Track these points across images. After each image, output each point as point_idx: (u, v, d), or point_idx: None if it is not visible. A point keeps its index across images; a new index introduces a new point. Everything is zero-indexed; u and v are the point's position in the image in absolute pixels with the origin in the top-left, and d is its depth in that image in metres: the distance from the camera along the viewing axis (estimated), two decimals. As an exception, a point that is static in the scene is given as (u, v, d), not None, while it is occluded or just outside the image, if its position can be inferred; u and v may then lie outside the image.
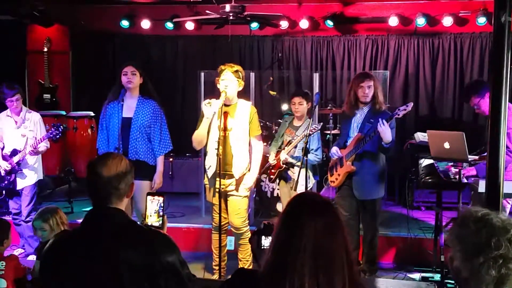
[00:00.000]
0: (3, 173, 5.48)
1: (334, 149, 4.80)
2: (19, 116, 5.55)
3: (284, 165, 5.25)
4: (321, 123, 5.20)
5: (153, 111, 4.76)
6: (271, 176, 5.46)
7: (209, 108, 4.43)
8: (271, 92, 7.36)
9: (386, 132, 4.35)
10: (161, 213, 2.47)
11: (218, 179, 4.42)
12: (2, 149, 5.54)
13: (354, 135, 4.71)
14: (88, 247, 2.10)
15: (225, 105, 4.54)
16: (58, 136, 5.40)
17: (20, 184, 5.57)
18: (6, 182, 5.50)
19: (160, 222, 2.47)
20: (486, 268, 1.49)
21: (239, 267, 4.68)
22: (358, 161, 4.65)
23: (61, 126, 5.42)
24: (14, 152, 5.47)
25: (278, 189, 5.84)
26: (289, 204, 1.79)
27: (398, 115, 4.38)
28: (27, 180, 5.59)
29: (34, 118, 5.62)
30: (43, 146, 5.50)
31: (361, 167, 4.64)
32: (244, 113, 4.59)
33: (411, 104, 4.42)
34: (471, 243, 1.54)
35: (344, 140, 4.84)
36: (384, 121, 4.33)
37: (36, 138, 5.46)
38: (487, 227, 1.54)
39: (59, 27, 8.54)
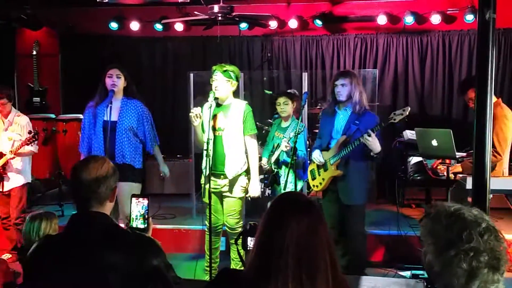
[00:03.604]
0: None
1: (317, 154, 4.56)
2: (7, 119, 5.51)
3: (275, 169, 5.21)
4: (304, 124, 5.14)
5: (138, 111, 4.76)
6: (265, 181, 5.43)
7: (197, 119, 4.43)
8: (267, 92, 7.36)
9: (374, 143, 4.10)
10: (146, 216, 2.46)
11: (209, 179, 4.44)
12: None
13: (338, 137, 4.45)
14: (72, 251, 2.10)
15: (219, 105, 4.53)
16: (32, 142, 5.27)
17: (6, 186, 5.50)
18: None
19: (145, 225, 2.45)
20: (457, 261, 1.49)
21: (231, 267, 4.69)
22: (344, 165, 4.38)
23: (37, 134, 5.30)
24: (1, 155, 5.42)
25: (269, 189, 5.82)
26: (272, 204, 1.79)
27: (394, 120, 4.12)
28: (12, 182, 5.52)
29: (21, 122, 5.55)
30: (28, 149, 5.39)
31: (347, 171, 4.38)
32: (238, 113, 4.56)
33: (408, 109, 4.15)
34: (443, 237, 1.55)
35: (326, 141, 4.56)
36: (370, 132, 4.06)
37: (21, 141, 5.38)
38: (459, 221, 1.55)
39: (48, 30, 8.50)
